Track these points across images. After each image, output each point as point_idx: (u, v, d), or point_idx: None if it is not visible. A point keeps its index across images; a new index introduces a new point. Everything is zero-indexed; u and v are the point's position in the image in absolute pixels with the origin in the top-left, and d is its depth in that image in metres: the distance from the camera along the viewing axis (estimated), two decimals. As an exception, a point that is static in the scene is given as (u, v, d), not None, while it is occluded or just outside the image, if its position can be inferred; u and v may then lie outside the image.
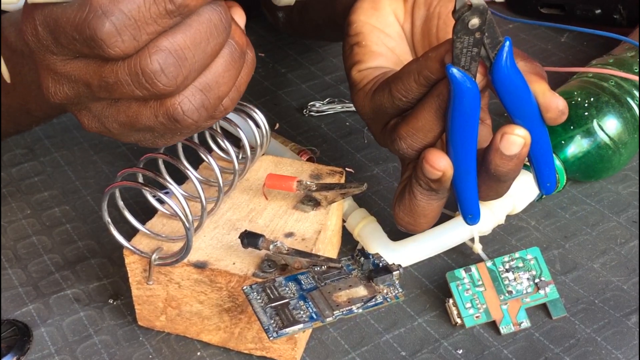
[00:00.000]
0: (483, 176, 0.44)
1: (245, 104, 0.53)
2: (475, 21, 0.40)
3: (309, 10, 0.71)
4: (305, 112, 0.73)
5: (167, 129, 0.39)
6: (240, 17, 0.41)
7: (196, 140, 0.51)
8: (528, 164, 0.57)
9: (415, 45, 0.51)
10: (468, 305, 0.50)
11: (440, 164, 0.42)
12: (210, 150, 0.54)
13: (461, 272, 0.51)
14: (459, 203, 0.45)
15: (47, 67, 0.38)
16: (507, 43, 0.40)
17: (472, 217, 0.46)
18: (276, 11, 0.78)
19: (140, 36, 0.35)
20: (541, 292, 0.51)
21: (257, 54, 0.82)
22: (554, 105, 0.42)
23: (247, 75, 0.41)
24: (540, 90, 0.42)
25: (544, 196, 0.59)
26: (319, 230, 0.49)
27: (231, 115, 0.51)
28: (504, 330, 0.50)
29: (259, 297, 0.43)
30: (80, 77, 0.37)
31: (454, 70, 0.40)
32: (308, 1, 0.69)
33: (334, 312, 0.42)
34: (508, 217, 0.57)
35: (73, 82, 0.38)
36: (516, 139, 0.42)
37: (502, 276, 0.51)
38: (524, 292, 0.51)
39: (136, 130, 0.39)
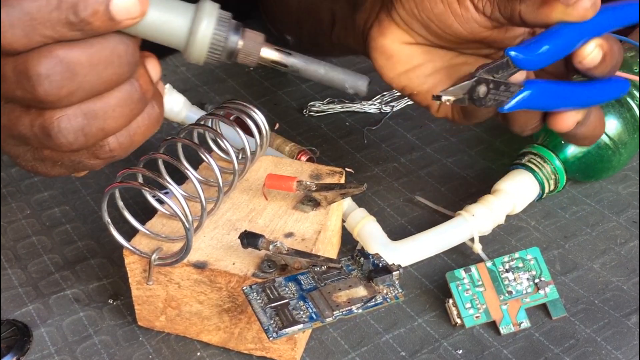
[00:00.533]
0: None
1: (245, 104, 0.53)
2: (482, 89, 0.43)
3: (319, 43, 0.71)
4: (305, 112, 0.73)
5: (42, 145, 0.38)
6: (153, 67, 0.40)
7: (196, 140, 0.51)
8: (529, 163, 0.58)
9: (440, 46, 0.51)
10: (468, 305, 0.50)
11: (568, 122, 0.47)
12: (210, 151, 0.54)
13: (461, 272, 0.51)
14: None
15: None
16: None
17: (622, 92, 0.48)
18: (284, 34, 0.77)
19: (34, 36, 0.34)
20: (541, 292, 0.51)
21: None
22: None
23: (146, 126, 0.40)
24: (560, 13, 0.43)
25: (544, 196, 0.59)
26: (318, 230, 0.49)
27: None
28: (503, 330, 0.50)
29: (258, 298, 0.43)
30: None
31: (507, 108, 0.45)
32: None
33: (334, 313, 0.42)
34: (508, 217, 0.57)
35: None
36: (593, 56, 0.45)
37: (502, 276, 0.51)
38: (524, 292, 0.51)
39: (13, 137, 0.38)
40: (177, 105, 0.58)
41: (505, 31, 0.48)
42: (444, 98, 0.43)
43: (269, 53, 0.38)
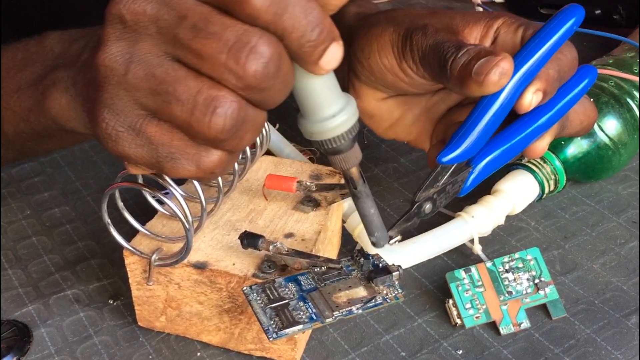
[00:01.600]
0: None
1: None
2: (428, 206, 0.46)
3: None
4: (305, 112, 0.73)
5: (191, 115, 0.35)
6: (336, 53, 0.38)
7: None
8: (529, 164, 0.58)
9: (409, 92, 0.53)
10: (468, 305, 0.50)
11: (540, 148, 0.48)
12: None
13: (461, 273, 0.51)
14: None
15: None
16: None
17: (590, 79, 0.48)
18: None
19: (278, 21, 0.33)
20: (541, 292, 0.51)
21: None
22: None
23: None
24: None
25: (544, 196, 0.59)
26: (318, 230, 0.49)
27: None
28: (503, 330, 0.50)
29: (258, 298, 0.43)
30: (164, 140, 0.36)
31: (466, 189, 0.47)
32: None
33: (334, 313, 0.42)
34: (508, 217, 0.57)
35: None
36: (534, 100, 0.45)
37: (502, 277, 0.51)
38: (524, 292, 0.51)
39: (157, 93, 0.35)
40: None
41: None
42: (392, 240, 0.45)
43: (355, 172, 0.40)
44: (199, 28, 0.33)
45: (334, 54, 0.34)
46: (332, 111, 0.37)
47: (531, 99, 0.44)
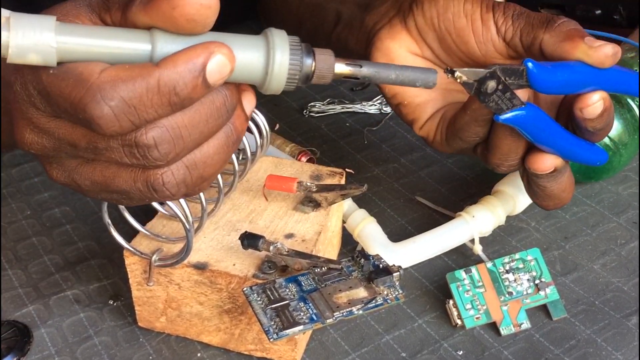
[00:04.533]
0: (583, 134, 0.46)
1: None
2: (492, 84, 0.43)
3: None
4: (306, 112, 0.73)
5: (142, 196, 0.38)
6: (249, 102, 0.39)
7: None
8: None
9: (447, 63, 0.51)
10: (468, 306, 0.50)
11: (546, 164, 0.46)
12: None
13: (461, 273, 0.51)
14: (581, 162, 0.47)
15: (27, 119, 0.36)
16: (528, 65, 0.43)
17: (600, 161, 0.48)
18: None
19: (139, 120, 0.34)
20: (541, 293, 0.51)
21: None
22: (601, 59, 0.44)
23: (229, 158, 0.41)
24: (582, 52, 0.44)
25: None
26: (319, 231, 0.49)
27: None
28: (504, 331, 0.50)
29: (259, 299, 0.43)
30: (65, 136, 0.36)
31: (503, 118, 0.43)
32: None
33: (334, 314, 0.42)
34: (508, 217, 0.57)
35: (55, 139, 0.36)
36: (595, 107, 0.44)
37: (503, 277, 0.51)
38: (524, 293, 0.51)
39: (108, 191, 0.38)
40: None
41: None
42: (457, 74, 0.43)
43: (342, 68, 0.37)
44: (93, 149, 0.36)
45: (218, 65, 0.34)
46: (261, 68, 0.35)
47: (596, 101, 0.44)
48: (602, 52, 0.43)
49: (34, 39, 0.31)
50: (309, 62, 0.36)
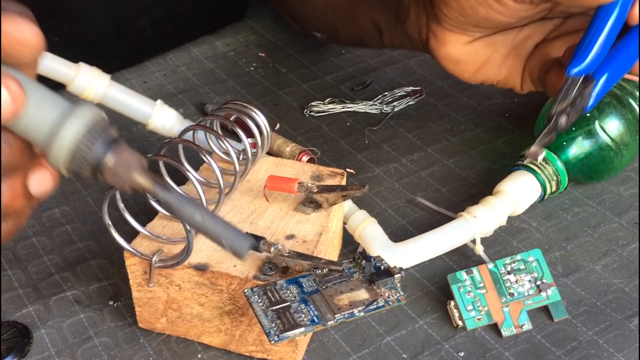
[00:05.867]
0: None
1: (245, 104, 0.53)
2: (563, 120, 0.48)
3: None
4: (306, 112, 0.72)
5: None
6: (40, 181, 0.33)
7: (197, 141, 0.51)
8: (531, 165, 0.57)
9: (498, 39, 0.53)
10: (469, 307, 0.50)
11: None
12: (210, 152, 0.54)
13: (462, 274, 0.51)
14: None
15: None
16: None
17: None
18: (311, 31, 0.77)
19: None
20: (543, 294, 0.51)
21: (258, 54, 0.82)
22: None
23: (17, 223, 0.34)
24: None
25: (546, 197, 0.58)
26: (320, 232, 0.49)
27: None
28: (505, 332, 0.50)
29: (260, 300, 0.43)
30: None
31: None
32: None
33: (336, 316, 0.42)
34: (509, 218, 0.57)
35: None
36: None
37: (504, 278, 0.51)
38: (526, 294, 0.50)
39: None
40: (169, 122, 0.58)
41: None
42: (539, 158, 0.49)
43: (142, 180, 0.32)
44: None
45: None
46: (47, 129, 0.30)
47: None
48: None
49: None
50: (101, 153, 0.31)
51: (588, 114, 0.58)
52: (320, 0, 0.69)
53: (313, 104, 0.73)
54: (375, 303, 0.43)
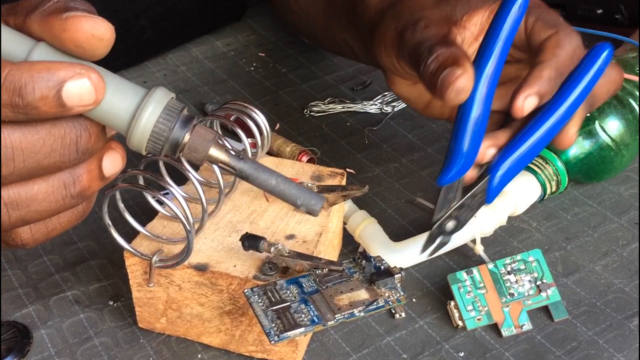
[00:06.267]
0: None
1: (245, 104, 0.53)
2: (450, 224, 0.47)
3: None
4: (306, 112, 0.72)
5: None
6: (112, 163, 0.35)
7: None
8: (531, 165, 0.57)
9: None
10: (469, 307, 0.50)
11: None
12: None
13: (463, 274, 0.51)
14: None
15: None
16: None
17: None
18: (301, 36, 0.78)
19: None
20: (543, 294, 0.51)
21: (257, 54, 0.82)
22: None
23: (68, 222, 0.36)
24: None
25: (546, 197, 0.58)
26: (320, 232, 0.49)
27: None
28: (505, 332, 0.50)
29: (260, 300, 0.43)
30: None
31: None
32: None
33: (336, 316, 0.42)
34: (510, 218, 0.57)
35: None
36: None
37: (504, 278, 0.51)
38: (526, 294, 0.50)
39: None
40: None
41: None
42: (422, 258, 0.49)
43: (218, 153, 0.35)
44: None
45: (79, 88, 0.31)
46: (129, 114, 0.33)
47: (523, 104, 0.44)
48: (449, 99, 0.42)
49: None
50: (180, 133, 0.34)
51: (588, 114, 0.58)
52: (302, 11, 0.69)
53: (313, 104, 0.73)
54: (375, 303, 0.43)
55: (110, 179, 0.36)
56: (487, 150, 0.46)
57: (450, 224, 0.47)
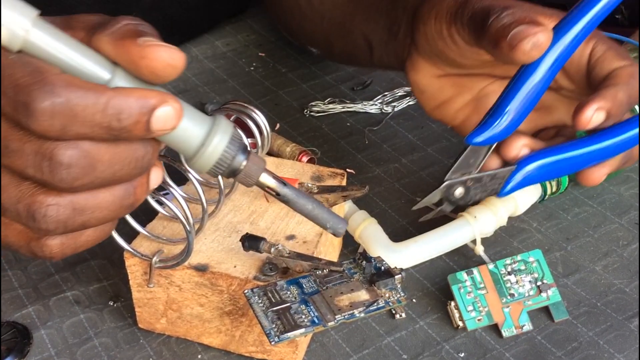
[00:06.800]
0: None
1: (245, 104, 0.53)
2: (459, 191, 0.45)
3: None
4: (306, 112, 0.72)
5: (17, 219, 0.35)
6: (156, 176, 0.38)
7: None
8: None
9: (460, 80, 0.53)
10: (470, 308, 0.50)
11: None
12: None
13: (463, 275, 0.51)
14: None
15: None
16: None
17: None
18: (307, 46, 0.77)
19: (70, 130, 0.32)
20: (543, 294, 0.51)
21: (257, 54, 0.82)
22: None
23: (95, 239, 0.38)
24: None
25: (547, 198, 0.58)
26: (320, 232, 0.48)
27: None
28: (506, 333, 0.50)
29: (260, 301, 0.43)
30: None
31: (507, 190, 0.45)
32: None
33: (336, 317, 0.42)
34: (510, 218, 0.57)
35: None
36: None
37: (504, 279, 0.51)
38: (526, 294, 0.50)
39: None
40: None
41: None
42: (417, 206, 0.46)
43: (267, 179, 0.38)
44: (3, 146, 0.34)
45: (165, 115, 0.34)
46: (199, 141, 0.36)
47: (591, 115, 0.42)
48: (520, 52, 0.41)
49: (11, 18, 0.31)
50: (241, 159, 0.37)
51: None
52: (318, 14, 0.69)
53: (313, 104, 0.73)
54: (375, 304, 0.43)
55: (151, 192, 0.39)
56: (522, 148, 0.44)
57: (459, 191, 0.44)
